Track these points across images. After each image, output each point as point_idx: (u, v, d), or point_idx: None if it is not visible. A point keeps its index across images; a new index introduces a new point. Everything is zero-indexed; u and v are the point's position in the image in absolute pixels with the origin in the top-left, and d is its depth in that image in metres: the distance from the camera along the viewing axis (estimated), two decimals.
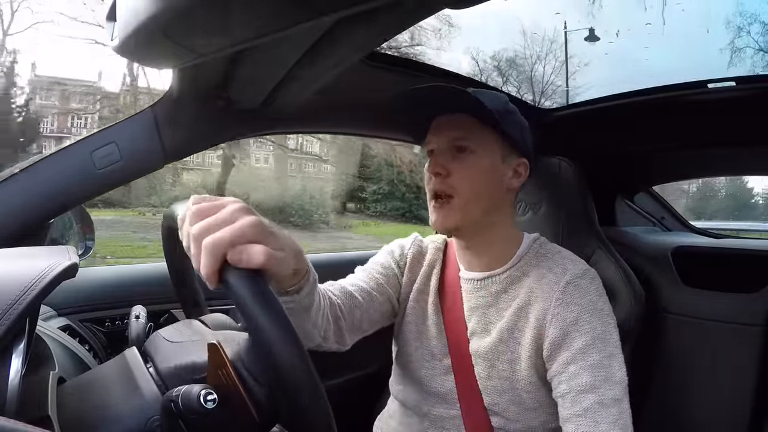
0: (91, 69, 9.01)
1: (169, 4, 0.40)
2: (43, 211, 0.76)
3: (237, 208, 0.41)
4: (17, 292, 0.36)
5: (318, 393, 0.37)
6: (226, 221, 0.40)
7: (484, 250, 0.73)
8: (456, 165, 0.68)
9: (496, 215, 0.71)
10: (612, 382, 0.61)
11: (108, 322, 0.91)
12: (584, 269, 0.69)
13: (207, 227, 0.39)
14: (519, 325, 0.68)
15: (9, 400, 0.34)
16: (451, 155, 0.69)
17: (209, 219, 0.40)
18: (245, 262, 0.38)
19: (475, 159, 0.68)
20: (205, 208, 0.41)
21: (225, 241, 0.38)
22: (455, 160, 0.68)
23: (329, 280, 0.73)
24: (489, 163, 0.69)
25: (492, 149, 0.69)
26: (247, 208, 0.42)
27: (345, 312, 0.68)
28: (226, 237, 0.38)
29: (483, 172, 0.68)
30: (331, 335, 0.66)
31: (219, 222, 0.40)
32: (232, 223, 0.40)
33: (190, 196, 0.44)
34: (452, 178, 0.68)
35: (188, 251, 0.40)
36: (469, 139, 0.68)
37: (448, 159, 0.68)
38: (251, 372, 0.41)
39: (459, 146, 0.68)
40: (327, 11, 0.41)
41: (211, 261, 0.38)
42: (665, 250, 1.22)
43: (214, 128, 0.84)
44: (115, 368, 0.48)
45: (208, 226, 0.39)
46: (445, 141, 0.69)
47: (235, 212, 0.41)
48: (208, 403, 0.39)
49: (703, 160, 1.37)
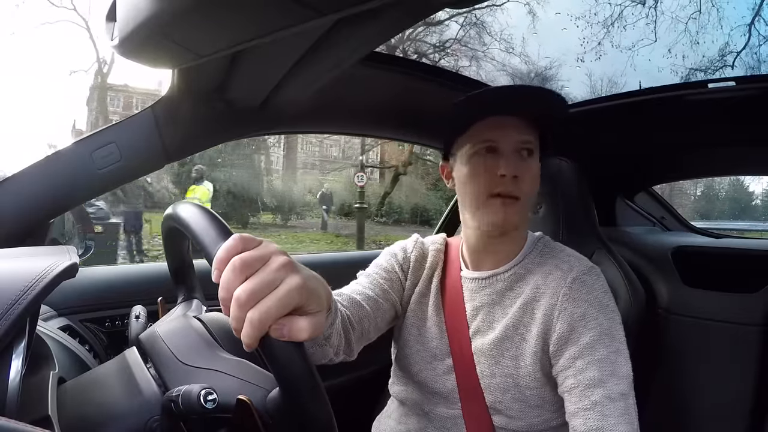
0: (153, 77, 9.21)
1: (169, 4, 0.40)
2: (43, 211, 0.76)
3: (281, 264, 0.38)
4: (17, 292, 0.36)
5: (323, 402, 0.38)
6: (272, 284, 0.37)
7: (497, 249, 0.74)
8: (524, 168, 0.69)
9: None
10: (618, 377, 0.61)
11: (108, 322, 0.91)
12: (589, 266, 0.70)
13: (254, 292, 0.36)
14: (524, 321, 0.68)
15: (9, 400, 0.34)
16: (519, 157, 0.69)
17: (256, 281, 0.36)
18: (287, 337, 0.37)
19: (537, 164, 0.71)
20: (249, 261, 0.37)
21: (272, 315, 0.36)
22: (523, 163, 0.69)
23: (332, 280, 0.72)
24: (539, 167, 0.72)
25: (538, 152, 0.72)
26: (290, 263, 0.39)
27: (354, 323, 0.68)
28: (272, 311, 0.36)
29: (538, 175, 0.72)
30: (342, 350, 0.65)
31: (266, 285, 0.37)
32: (278, 286, 0.37)
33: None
34: (521, 180, 0.68)
35: (224, 304, 0.37)
36: (533, 143, 0.71)
37: (516, 161, 0.69)
38: (278, 425, 0.42)
39: (529, 149, 0.70)
40: (327, 11, 0.41)
41: (255, 333, 0.36)
42: (665, 250, 1.22)
43: (214, 128, 0.84)
44: (115, 368, 0.48)
45: (255, 290, 0.36)
46: (513, 142, 0.69)
47: (280, 270, 0.37)
48: (208, 403, 0.39)
49: (703, 160, 1.37)
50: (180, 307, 0.63)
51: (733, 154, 1.25)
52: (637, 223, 1.45)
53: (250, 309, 0.36)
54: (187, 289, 0.65)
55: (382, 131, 1.23)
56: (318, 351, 0.58)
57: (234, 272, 0.36)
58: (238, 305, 0.36)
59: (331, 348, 0.60)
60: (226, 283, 0.37)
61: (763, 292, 1.07)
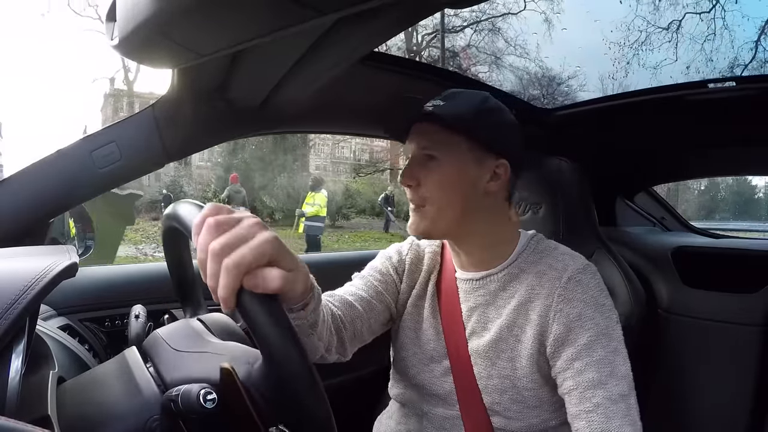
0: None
1: (169, 4, 0.40)
2: (43, 211, 0.76)
3: (254, 222, 0.41)
4: (17, 292, 0.36)
5: (329, 413, 0.38)
6: (245, 238, 0.39)
7: (474, 252, 0.73)
8: (425, 174, 0.68)
9: (477, 219, 0.70)
10: (618, 378, 0.61)
11: (108, 322, 0.91)
12: (584, 264, 0.69)
13: (228, 244, 0.38)
14: (519, 322, 0.68)
15: (9, 400, 0.34)
16: (421, 164, 0.68)
17: (229, 235, 0.39)
18: (261, 287, 0.38)
19: (442, 167, 0.67)
20: (223, 222, 0.40)
21: (246, 262, 0.38)
22: (424, 169, 0.68)
23: (328, 280, 0.73)
24: (456, 170, 0.67)
25: (460, 155, 0.68)
26: (263, 224, 0.41)
27: (346, 323, 0.68)
28: (247, 258, 0.38)
29: (450, 179, 0.67)
30: (333, 347, 0.65)
31: (239, 238, 0.39)
32: (251, 239, 0.39)
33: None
34: (422, 187, 0.68)
35: (201, 264, 0.40)
36: (435, 147, 0.68)
37: (418, 168, 0.68)
38: (264, 395, 0.41)
39: (427, 155, 0.68)
40: (327, 11, 0.41)
41: (230, 281, 0.37)
42: (665, 250, 1.22)
43: (214, 128, 0.85)
44: (115, 368, 0.48)
45: (229, 243, 0.38)
46: (416, 150, 0.69)
47: (252, 227, 0.40)
48: (208, 403, 0.39)
49: (703, 160, 1.37)
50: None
51: (733, 154, 1.26)
52: (637, 223, 1.45)
53: (224, 258, 0.38)
54: (186, 288, 0.65)
55: (382, 131, 1.23)
56: (306, 342, 0.58)
57: (209, 230, 0.39)
58: (213, 257, 0.38)
59: (321, 342, 0.60)
60: (202, 243, 0.39)
61: (763, 292, 1.07)
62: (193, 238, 0.41)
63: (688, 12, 7.94)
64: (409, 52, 11.32)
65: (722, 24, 8.09)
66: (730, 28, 8.08)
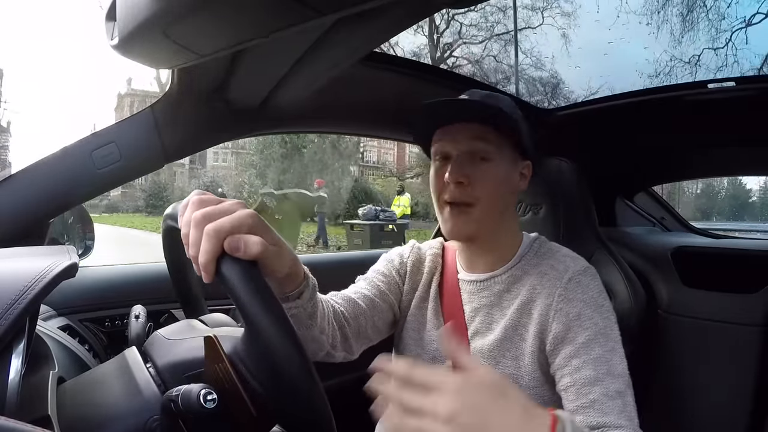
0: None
1: (169, 4, 0.40)
2: (43, 211, 0.76)
3: (235, 202, 0.44)
4: (17, 292, 0.36)
5: (314, 382, 0.38)
6: (226, 211, 0.42)
7: (488, 251, 0.73)
8: (478, 174, 0.67)
9: (506, 218, 0.73)
10: (614, 376, 0.61)
11: (108, 322, 0.90)
12: (585, 266, 0.70)
13: (208, 214, 0.42)
14: (522, 322, 0.69)
15: (9, 400, 0.34)
16: (472, 163, 0.68)
17: (210, 207, 0.42)
18: (242, 251, 0.40)
19: (496, 168, 0.68)
20: (206, 199, 0.44)
21: (225, 227, 0.41)
22: (476, 169, 0.67)
23: (330, 278, 0.73)
24: (505, 171, 0.69)
25: (507, 155, 0.70)
26: (245, 204, 0.45)
27: (350, 319, 0.68)
28: (226, 224, 0.41)
29: (502, 180, 0.69)
30: (338, 343, 0.66)
31: (220, 211, 0.42)
32: (232, 213, 0.42)
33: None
34: (474, 187, 0.67)
35: (186, 239, 0.42)
36: (490, 148, 0.68)
37: (468, 167, 0.67)
38: (248, 366, 0.41)
39: (482, 156, 0.68)
40: (327, 11, 0.41)
41: (210, 247, 0.40)
42: (665, 250, 1.22)
43: (214, 128, 0.85)
44: (115, 368, 0.48)
45: (209, 213, 0.42)
46: (465, 149, 0.68)
47: (235, 204, 0.44)
48: (208, 402, 0.39)
49: (703, 160, 1.37)
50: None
51: (733, 154, 1.25)
52: (637, 224, 1.45)
53: (205, 225, 0.40)
54: (186, 288, 0.65)
55: (382, 131, 1.23)
56: (307, 334, 0.58)
57: (192, 206, 0.43)
58: (195, 225, 0.41)
59: (324, 335, 0.61)
60: (186, 218, 0.43)
61: (763, 292, 1.07)
62: (179, 220, 0.44)
63: (706, 48, 8.99)
64: (432, 60, 11.54)
65: (734, 60, 8.92)
66: (740, 62, 8.93)
